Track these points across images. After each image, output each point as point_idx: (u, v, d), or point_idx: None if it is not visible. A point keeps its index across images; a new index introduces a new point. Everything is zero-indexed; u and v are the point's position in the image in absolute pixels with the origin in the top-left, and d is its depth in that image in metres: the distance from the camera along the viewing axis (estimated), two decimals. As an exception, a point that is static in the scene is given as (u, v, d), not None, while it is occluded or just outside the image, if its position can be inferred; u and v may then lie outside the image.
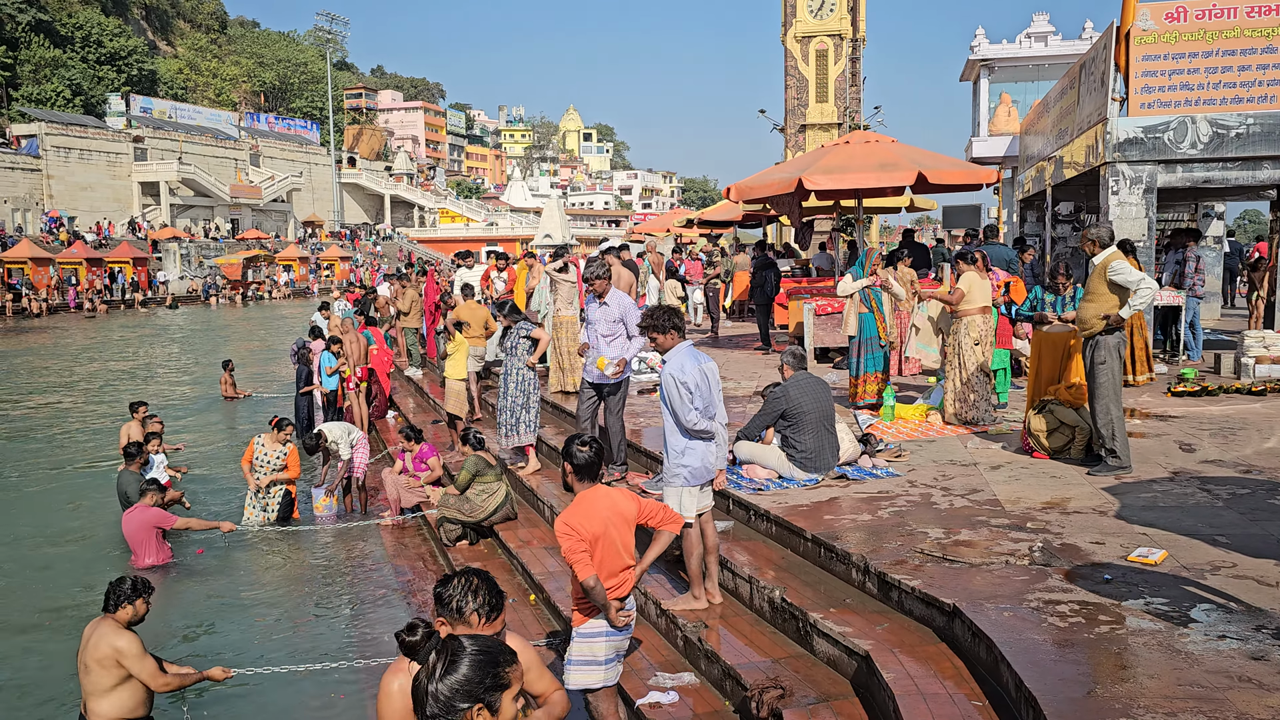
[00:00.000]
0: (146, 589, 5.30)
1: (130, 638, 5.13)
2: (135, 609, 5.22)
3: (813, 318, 12.70)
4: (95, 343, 30.40)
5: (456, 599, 3.05)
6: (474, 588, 3.08)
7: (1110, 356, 6.87)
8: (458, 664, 2.21)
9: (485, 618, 3.02)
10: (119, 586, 5.23)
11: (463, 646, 2.24)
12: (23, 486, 11.81)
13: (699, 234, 31.95)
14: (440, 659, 2.22)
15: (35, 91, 65.02)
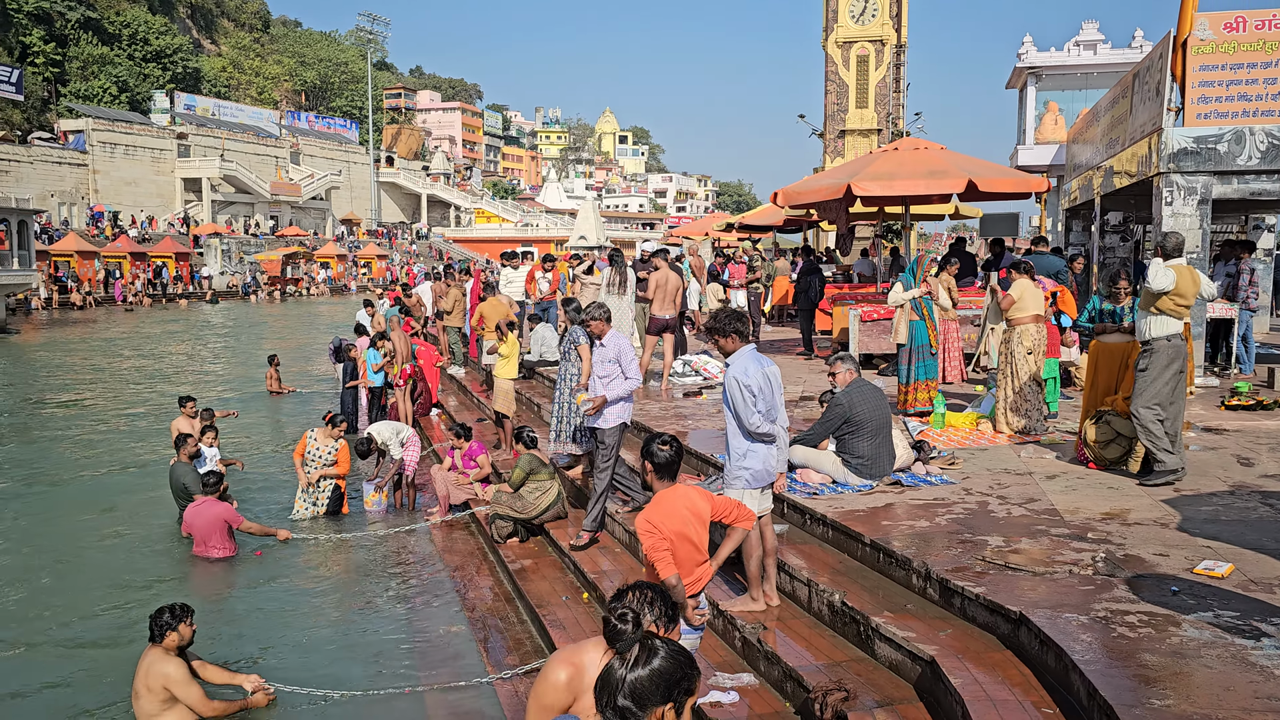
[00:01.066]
0: (185, 613, 5.48)
1: (178, 664, 5.33)
2: (180, 634, 5.41)
3: (858, 324, 12.69)
4: (138, 336, 30.88)
5: (634, 609, 3.04)
6: (650, 599, 3.08)
7: (1151, 362, 6.88)
8: (657, 658, 2.25)
9: (664, 627, 3.03)
10: (159, 617, 5.42)
11: (664, 644, 2.29)
12: (71, 480, 12.04)
13: (738, 238, 31.94)
14: (643, 651, 2.26)
15: (83, 88, 66.17)
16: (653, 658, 2.26)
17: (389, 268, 63.72)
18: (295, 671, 6.30)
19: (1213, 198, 11.40)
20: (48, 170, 56.88)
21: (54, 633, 7.03)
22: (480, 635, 6.90)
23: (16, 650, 6.75)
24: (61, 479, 11.88)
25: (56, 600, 7.68)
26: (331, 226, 74.28)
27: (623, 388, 7.49)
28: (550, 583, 7.48)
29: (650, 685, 2.23)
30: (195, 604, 7.51)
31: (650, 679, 2.23)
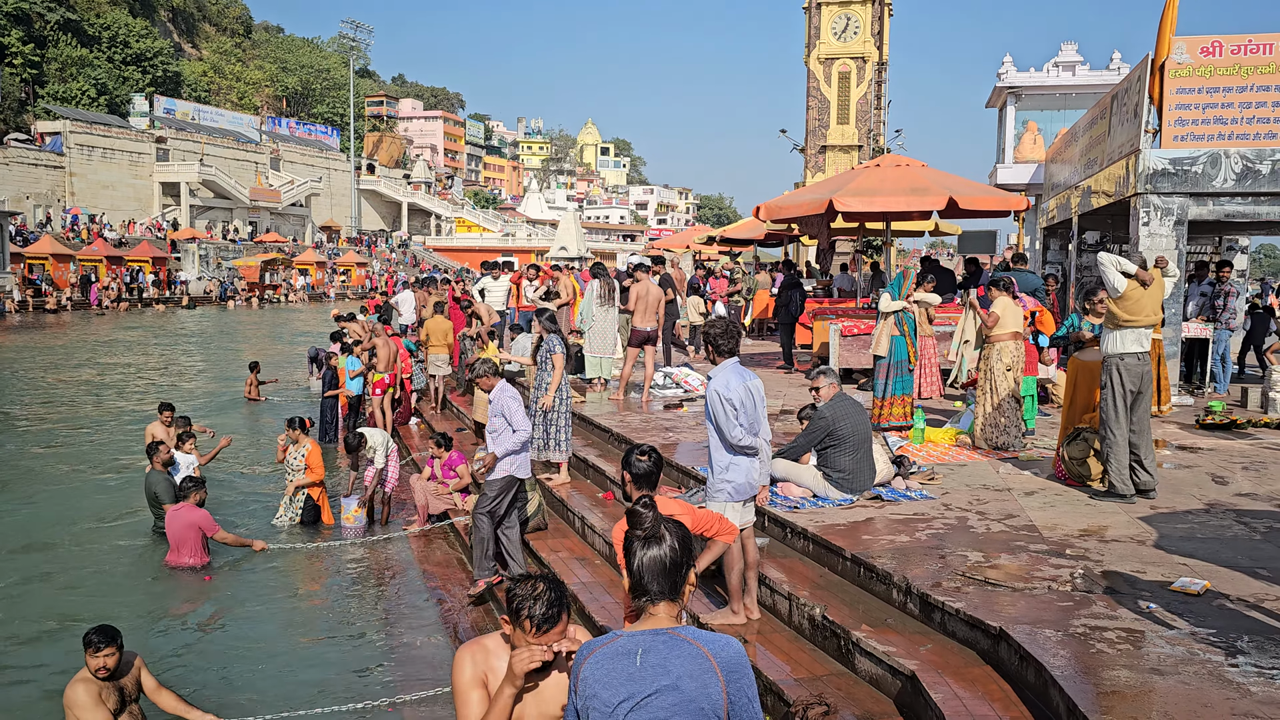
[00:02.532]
0: (103, 639, 5.07)
1: (86, 688, 5.03)
2: (101, 660, 5.04)
3: (838, 338, 12.75)
4: (113, 341, 30.59)
5: (519, 600, 3.02)
6: (538, 593, 3.07)
7: (1109, 379, 6.98)
8: (676, 529, 2.62)
9: (537, 628, 3.01)
10: (85, 637, 5.11)
11: (666, 521, 2.65)
12: (42, 488, 11.89)
13: (719, 251, 32.04)
14: (665, 530, 2.61)
15: (61, 90, 65.65)
16: (675, 530, 2.60)
17: (368, 275, 63.48)
18: (271, 685, 6.24)
19: (1189, 219, 11.55)
20: (23, 172, 56.32)
21: (11, 652, 6.92)
22: (458, 643, 6.85)
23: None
24: (31, 486, 11.72)
25: (23, 611, 7.57)
26: (311, 233, 73.95)
27: (512, 440, 7.27)
28: (529, 594, 7.43)
29: (684, 556, 2.57)
30: (166, 616, 7.48)
31: (682, 552, 2.58)
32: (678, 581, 2.53)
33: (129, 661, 5.31)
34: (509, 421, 7.27)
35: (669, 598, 2.52)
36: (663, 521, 2.57)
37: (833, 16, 37.99)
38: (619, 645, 2.41)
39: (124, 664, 5.25)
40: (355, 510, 9.90)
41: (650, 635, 2.41)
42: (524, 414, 7.36)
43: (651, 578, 2.51)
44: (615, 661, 2.38)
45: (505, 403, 7.32)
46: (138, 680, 5.35)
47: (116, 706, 5.14)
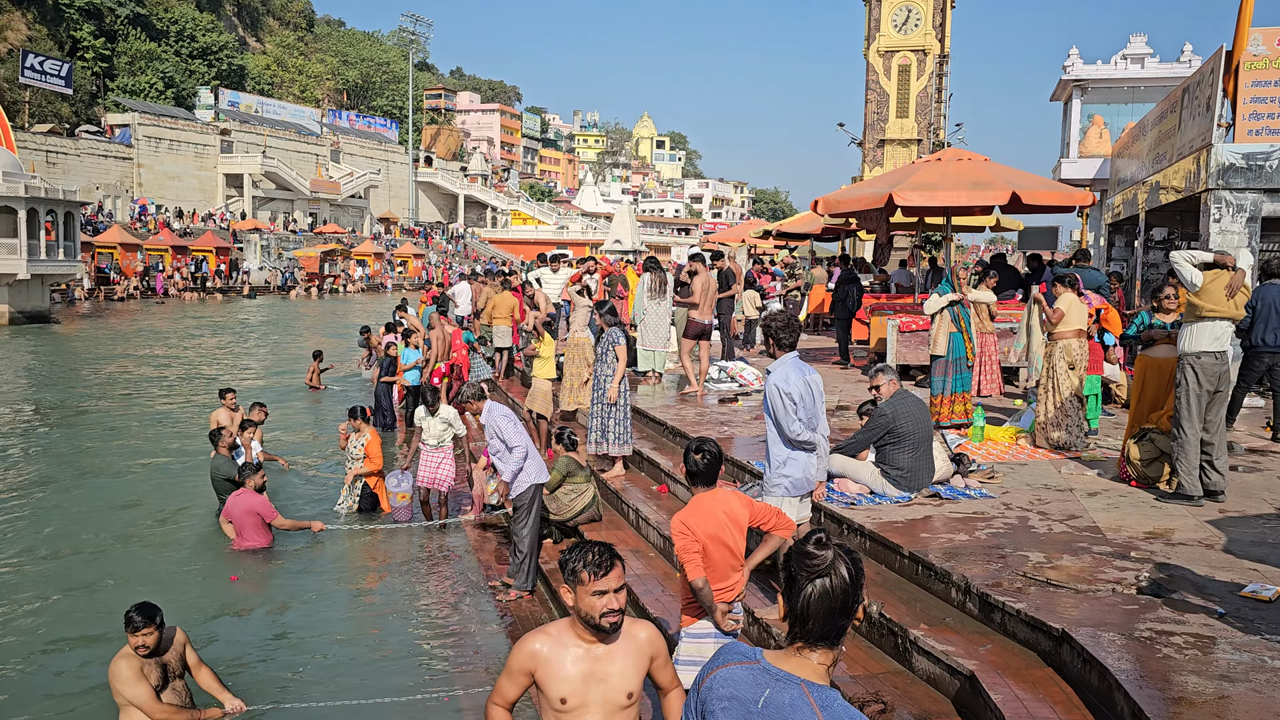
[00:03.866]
0: (143, 617, 5.20)
1: (124, 664, 5.18)
2: (140, 638, 5.18)
3: (896, 334, 12.61)
4: (178, 329, 31.32)
5: (571, 562, 3.19)
6: (586, 548, 3.20)
7: (1183, 377, 6.80)
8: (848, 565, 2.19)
9: (595, 572, 3.13)
10: (126, 615, 5.25)
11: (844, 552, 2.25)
12: (109, 470, 12.21)
13: (774, 245, 31.86)
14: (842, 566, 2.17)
15: (130, 83, 67.23)
16: (855, 565, 2.20)
17: (425, 267, 64.18)
18: (326, 671, 6.34)
19: (1262, 215, 11.24)
20: (94, 163, 57.85)
21: (85, 626, 7.11)
22: (513, 635, 6.91)
23: (50, 644, 6.87)
24: (99, 469, 12.05)
25: (93, 591, 7.79)
26: (369, 225, 74.94)
27: (513, 459, 7.33)
28: (583, 585, 7.47)
29: (856, 598, 2.19)
30: (225, 598, 7.64)
31: (856, 592, 2.19)
32: (844, 626, 2.19)
33: (170, 638, 5.45)
34: (504, 441, 7.33)
35: (829, 644, 2.18)
36: (838, 552, 2.20)
37: (894, 8, 37.47)
38: (752, 674, 2.18)
39: (165, 641, 5.39)
40: (404, 494, 9.90)
41: (783, 682, 2.14)
42: (516, 429, 7.40)
43: (815, 618, 2.14)
44: (741, 688, 2.17)
45: (496, 422, 7.37)
46: (182, 656, 5.48)
47: (159, 682, 5.30)
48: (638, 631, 3.28)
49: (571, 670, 3.16)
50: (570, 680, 3.16)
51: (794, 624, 2.18)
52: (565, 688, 3.15)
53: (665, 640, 3.46)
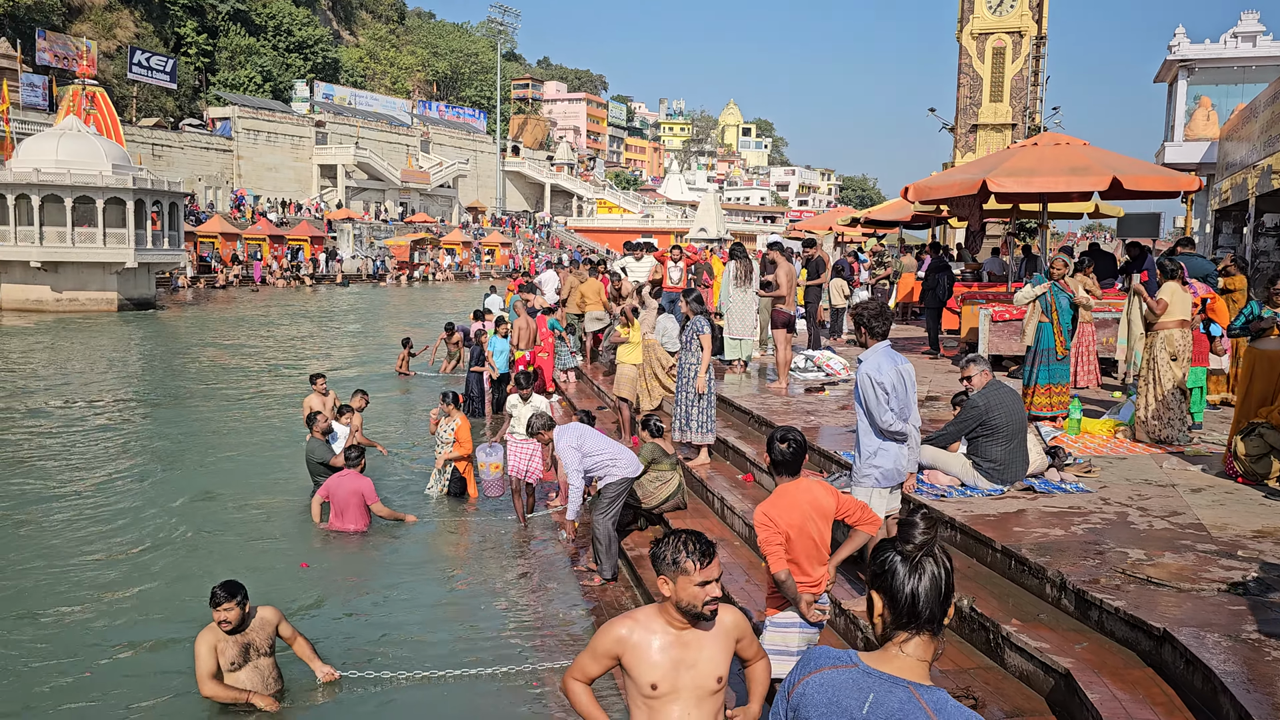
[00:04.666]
0: (227, 592, 5.44)
1: (205, 639, 5.46)
2: (222, 614, 5.41)
3: (988, 324, 12.33)
4: (274, 315, 32.28)
5: (670, 553, 3.20)
6: (684, 538, 3.23)
7: None
8: (942, 557, 2.14)
9: (700, 561, 3.16)
10: (211, 591, 5.50)
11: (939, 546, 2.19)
12: (210, 451, 12.65)
13: (862, 233, 31.40)
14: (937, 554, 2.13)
15: (230, 77, 69.43)
16: (945, 559, 2.13)
17: (511, 255, 64.95)
18: (414, 649, 6.47)
19: (1384, 200, 10.67)
20: (196, 155, 59.93)
21: (178, 603, 7.37)
22: (598, 619, 6.97)
23: (149, 617, 7.16)
24: (199, 449, 12.50)
25: (193, 569, 8.08)
26: (458, 214, 76.13)
27: (575, 494, 7.38)
28: (668, 572, 7.49)
29: (949, 588, 2.12)
30: (316, 575, 7.87)
31: (949, 582, 2.12)
32: (946, 610, 2.11)
33: (254, 614, 5.65)
34: (586, 453, 7.39)
35: (934, 630, 2.09)
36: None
37: (988, -10, 36.49)
38: (851, 678, 2.07)
39: (249, 618, 5.59)
40: (495, 467, 9.61)
41: (889, 684, 2.03)
42: (576, 457, 7.37)
43: (929, 602, 2.07)
44: (841, 695, 2.06)
45: (561, 453, 7.45)
46: (271, 636, 5.67)
47: (238, 659, 5.49)
48: (723, 616, 3.29)
49: (660, 656, 3.18)
50: (659, 666, 3.17)
51: (899, 617, 2.09)
52: (655, 673, 3.16)
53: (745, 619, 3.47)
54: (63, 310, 30.71)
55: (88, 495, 10.14)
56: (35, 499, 9.97)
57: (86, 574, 7.83)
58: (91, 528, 9.01)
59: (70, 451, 12.16)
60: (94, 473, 11.11)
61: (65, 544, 8.54)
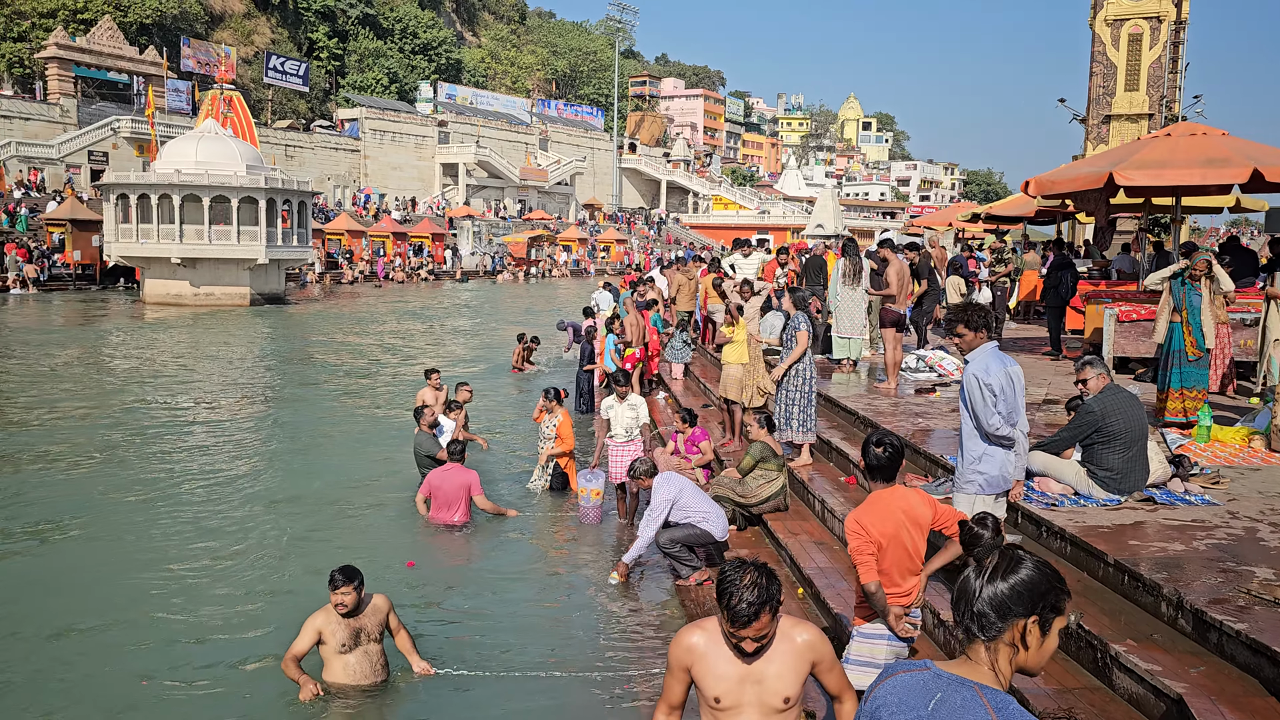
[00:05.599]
0: (343, 577, 5.63)
1: (311, 619, 5.66)
2: (338, 596, 5.60)
3: (1114, 324, 11.75)
4: (397, 310, 33.25)
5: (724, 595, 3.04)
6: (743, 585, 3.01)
7: None
8: (1021, 569, 2.13)
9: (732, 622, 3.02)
10: (330, 575, 5.70)
11: (1027, 556, 2.17)
12: (328, 441, 13.07)
13: (984, 229, 30.45)
14: (1003, 561, 2.16)
15: (358, 80, 71.90)
16: (1017, 569, 2.12)
17: (626, 252, 65.33)
18: (507, 645, 6.51)
19: None
20: (326, 155, 62.27)
21: (290, 590, 7.61)
22: (692, 619, 6.90)
23: (260, 596, 7.42)
24: (316, 440, 12.93)
25: (302, 556, 8.34)
26: (574, 211, 77.00)
27: (641, 544, 7.38)
28: (766, 574, 7.38)
29: (1010, 597, 2.10)
30: (417, 568, 8.01)
31: (1010, 591, 2.10)
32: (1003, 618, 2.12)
33: (368, 601, 5.79)
34: (642, 529, 7.37)
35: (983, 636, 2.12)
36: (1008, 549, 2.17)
37: (1124, -26, 34.89)
38: (922, 680, 2.15)
39: (363, 604, 5.75)
40: (596, 492, 9.35)
41: (955, 684, 2.09)
42: (665, 511, 7.27)
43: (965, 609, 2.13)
44: (911, 695, 2.13)
45: (655, 502, 7.36)
46: (382, 622, 5.81)
47: (349, 641, 5.65)
48: (798, 634, 3.16)
49: (726, 669, 3.09)
50: (724, 679, 3.08)
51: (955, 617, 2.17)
52: (719, 686, 3.08)
53: (832, 644, 3.33)
54: (200, 304, 32.25)
55: (206, 483, 10.59)
56: (159, 482, 10.46)
57: (199, 561, 8.16)
58: (206, 514, 9.41)
59: (195, 438, 12.75)
60: (214, 460, 11.62)
61: (180, 529, 8.94)
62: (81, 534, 8.78)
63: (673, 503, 7.27)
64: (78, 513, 9.31)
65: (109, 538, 8.68)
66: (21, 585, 7.54)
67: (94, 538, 8.69)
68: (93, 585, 7.53)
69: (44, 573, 7.86)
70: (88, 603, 7.17)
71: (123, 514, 9.34)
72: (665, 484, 7.41)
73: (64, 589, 7.45)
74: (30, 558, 8.24)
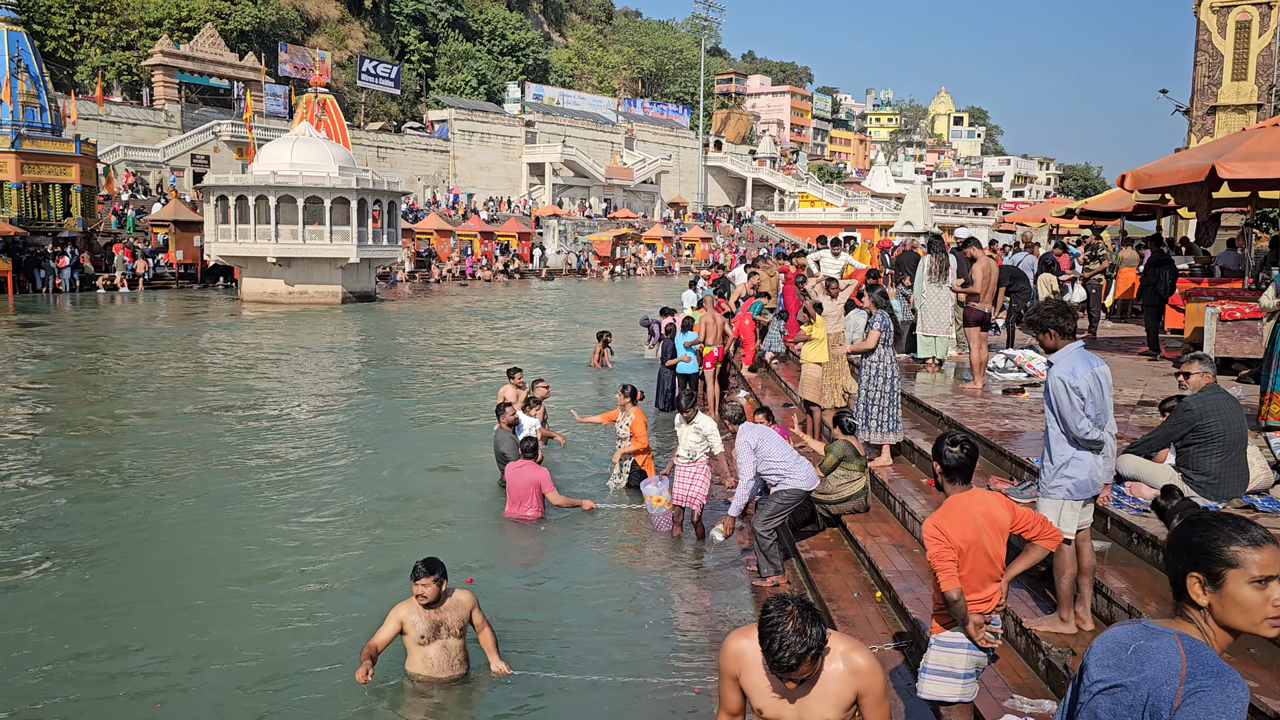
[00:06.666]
0: (425, 569, 5.71)
1: (394, 609, 5.75)
2: (419, 587, 5.67)
3: (1216, 323, 11.25)
4: (485, 309, 33.69)
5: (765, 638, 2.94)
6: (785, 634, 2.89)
7: None
8: (1181, 526, 2.30)
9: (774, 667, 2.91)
10: (413, 565, 5.79)
11: (1198, 513, 2.34)
12: (412, 435, 13.27)
13: (1079, 225, 29.53)
14: (1179, 521, 2.34)
15: (448, 81, 73.17)
16: (1180, 526, 2.31)
17: (711, 250, 65.17)
18: (581, 646, 6.51)
19: None
20: (416, 156, 63.51)
21: (370, 583, 7.73)
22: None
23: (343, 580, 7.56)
24: (399, 436, 13.15)
25: (384, 547, 8.48)
26: (659, 209, 77.11)
27: (741, 492, 7.17)
28: (843, 577, 7.26)
29: (1171, 553, 2.30)
30: (491, 565, 8.07)
31: (1170, 547, 2.32)
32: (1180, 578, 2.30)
33: (450, 594, 5.85)
34: (740, 468, 7.20)
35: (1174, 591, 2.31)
36: None
37: (1231, -42, 33.42)
38: (1129, 631, 2.29)
39: (445, 597, 5.81)
40: (661, 499, 9.06)
41: (1156, 632, 2.23)
42: (751, 459, 7.16)
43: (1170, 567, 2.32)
44: (1116, 643, 2.28)
45: (737, 449, 7.24)
46: (463, 619, 5.85)
47: (428, 634, 5.72)
48: (854, 658, 3.03)
49: (769, 686, 3.00)
50: (765, 694, 3.00)
51: None
52: (762, 700, 3.00)
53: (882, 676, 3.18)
54: (294, 302, 33.16)
55: (293, 475, 10.84)
56: (248, 474, 10.76)
57: (282, 555, 8.35)
58: (285, 509, 9.60)
59: (283, 432, 13.08)
60: (299, 454, 11.89)
61: (261, 521, 9.16)
62: (181, 519, 9.08)
63: (755, 450, 7.20)
64: (180, 496, 9.68)
65: (204, 525, 8.95)
66: (129, 559, 7.84)
67: (192, 524, 8.97)
68: (184, 567, 7.77)
69: (149, 549, 8.17)
70: (173, 588, 7.40)
71: (214, 505, 9.63)
72: (746, 430, 7.36)
73: (159, 567, 7.72)
74: (129, 542, 8.54)
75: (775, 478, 7.26)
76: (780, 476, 7.24)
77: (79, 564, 7.94)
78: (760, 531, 7.34)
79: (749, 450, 7.23)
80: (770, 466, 7.23)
